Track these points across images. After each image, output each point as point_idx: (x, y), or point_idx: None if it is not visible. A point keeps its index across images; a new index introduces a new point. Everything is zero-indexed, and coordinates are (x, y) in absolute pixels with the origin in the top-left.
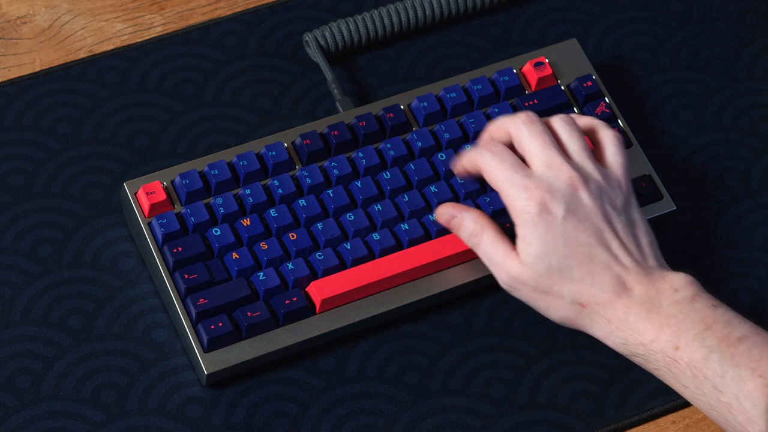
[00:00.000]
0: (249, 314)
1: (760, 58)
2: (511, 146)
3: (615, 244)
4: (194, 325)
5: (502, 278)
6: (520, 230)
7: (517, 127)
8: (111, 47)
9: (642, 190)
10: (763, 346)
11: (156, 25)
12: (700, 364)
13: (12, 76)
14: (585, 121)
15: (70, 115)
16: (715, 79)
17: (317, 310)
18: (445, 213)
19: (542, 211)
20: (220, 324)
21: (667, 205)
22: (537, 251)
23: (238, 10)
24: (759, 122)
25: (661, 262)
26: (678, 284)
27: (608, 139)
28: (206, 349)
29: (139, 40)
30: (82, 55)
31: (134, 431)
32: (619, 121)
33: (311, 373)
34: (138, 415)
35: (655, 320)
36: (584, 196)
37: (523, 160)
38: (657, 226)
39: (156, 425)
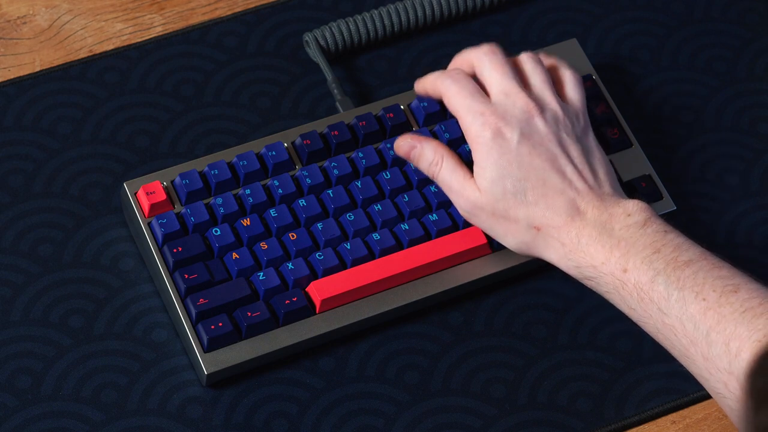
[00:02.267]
0: (249, 314)
1: (760, 58)
2: (474, 78)
3: (569, 170)
4: (194, 325)
5: (461, 204)
6: (476, 155)
7: (479, 57)
8: (111, 47)
9: (642, 190)
10: (709, 270)
11: (156, 25)
12: (647, 287)
13: (12, 76)
14: (549, 60)
15: (70, 115)
16: (715, 79)
17: (317, 310)
18: (405, 144)
19: (497, 136)
20: (220, 324)
21: (667, 205)
22: (492, 175)
23: (238, 10)
24: (759, 122)
25: (617, 191)
26: (631, 209)
27: (568, 76)
28: (206, 349)
29: (139, 40)
30: (82, 55)
31: (134, 431)
32: (619, 121)
33: (311, 373)
34: (138, 415)
35: (606, 243)
36: (539, 123)
37: (485, 90)
38: None
39: (156, 425)
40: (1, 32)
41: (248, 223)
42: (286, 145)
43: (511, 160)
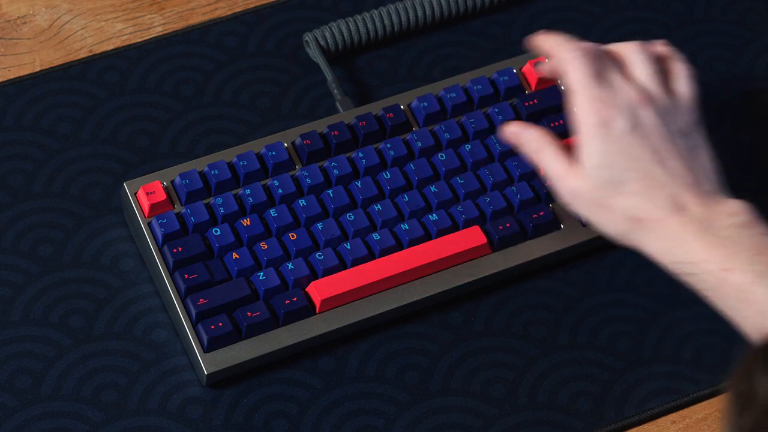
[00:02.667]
0: (249, 314)
1: (760, 58)
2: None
3: (674, 164)
4: (194, 325)
5: (563, 190)
6: (584, 142)
7: (598, 52)
8: (111, 47)
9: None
10: None
11: (156, 25)
12: (748, 288)
13: (12, 76)
14: (661, 49)
15: (70, 115)
16: (715, 78)
17: (317, 310)
18: (511, 131)
19: (606, 124)
20: (220, 324)
21: None
22: (596, 162)
23: (238, 10)
24: (759, 122)
25: (720, 189)
26: (734, 209)
27: (680, 69)
28: (206, 349)
29: (139, 40)
30: (82, 55)
31: (134, 431)
32: None
33: (311, 373)
34: (138, 415)
35: (708, 240)
36: (647, 115)
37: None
38: None
39: (156, 425)
40: (1, 32)
41: (248, 223)
42: (286, 145)
43: (616, 150)
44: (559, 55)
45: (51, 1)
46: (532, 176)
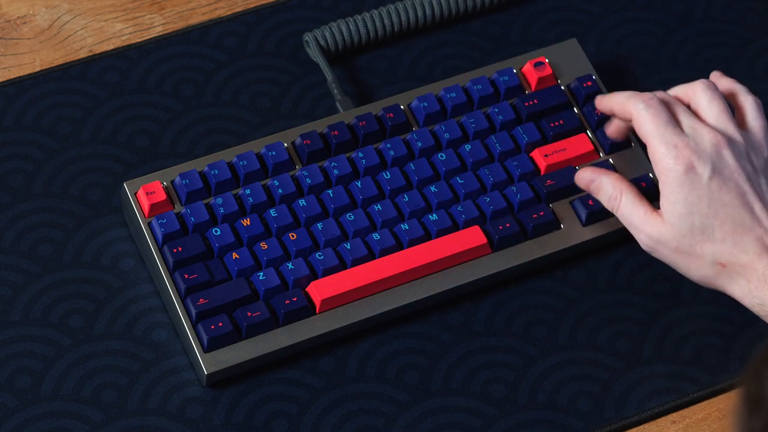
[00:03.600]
0: (249, 314)
1: (760, 58)
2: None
3: (758, 207)
4: (194, 325)
5: (643, 240)
6: (665, 188)
7: (665, 98)
8: (111, 47)
9: (642, 190)
10: None
11: (156, 25)
12: None
13: (12, 76)
14: (726, 84)
15: (70, 115)
16: None
17: (317, 310)
18: (585, 177)
19: (689, 171)
20: (220, 324)
21: None
22: (681, 210)
23: (238, 10)
24: None
25: None
26: None
27: (749, 103)
28: (206, 349)
29: (139, 40)
30: (82, 55)
31: (134, 431)
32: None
33: (311, 373)
34: (138, 415)
35: None
36: (728, 157)
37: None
38: None
39: (156, 425)
40: (1, 32)
41: (248, 223)
42: (286, 145)
43: (701, 197)
44: (628, 109)
45: (51, 1)
46: (531, 176)
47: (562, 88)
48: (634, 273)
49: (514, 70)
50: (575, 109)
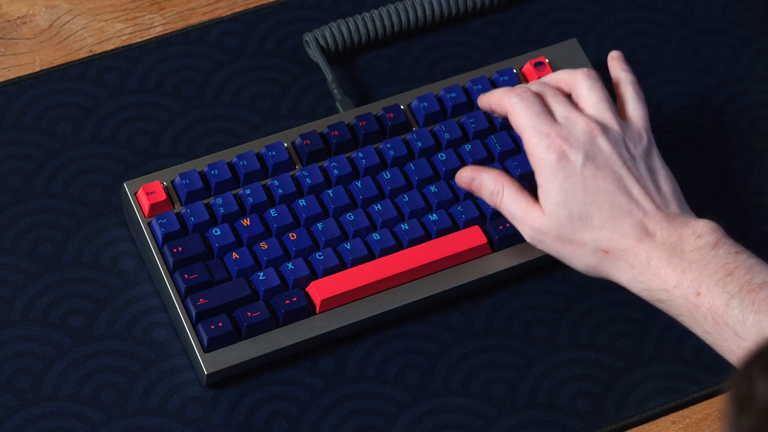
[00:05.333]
0: (249, 314)
1: (760, 58)
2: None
3: (635, 190)
4: (194, 325)
5: (526, 231)
6: (540, 178)
7: (539, 87)
8: (111, 47)
9: None
10: None
11: (156, 25)
12: (721, 310)
13: (12, 76)
14: (615, 71)
15: (70, 115)
16: (715, 79)
17: (317, 310)
18: (465, 176)
19: (561, 159)
20: (220, 324)
21: None
22: (557, 199)
23: (238, 10)
24: (759, 122)
25: (684, 209)
26: (701, 230)
27: (630, 92)
28: (206, 349)
29: (139, 40)
30: (82, 55)
31: (134, 431)
32: None
33: (311, 373)
34: (138, 415)
35: (677, 265)
36: (603, 144)
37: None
38: None
39: (156, 425)
40: (1, 32)
41: (248, 223)
42: (286, 145)
43: (576, 184)
44: (504, 104)
45: (51, 1)
46: (532, 176)
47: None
48: None
49: (514, 70)
50: None
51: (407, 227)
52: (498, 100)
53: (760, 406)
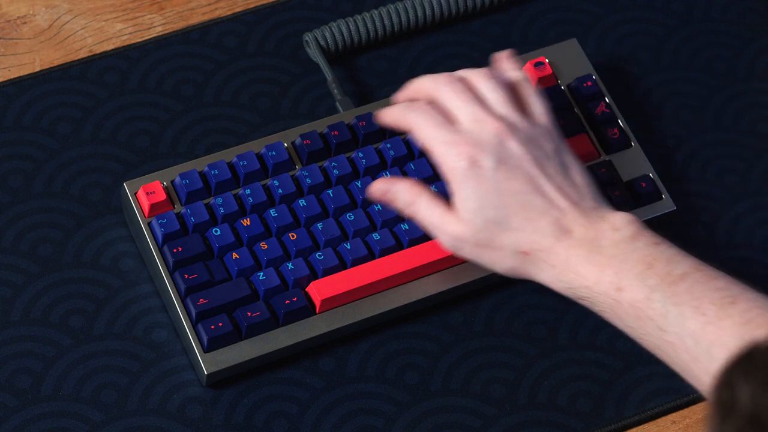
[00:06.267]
0: (249, 314)
1: (760, 58)
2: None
3: (549, 189)
4: (194, 325)
5: (445, 240)
6: (454, 187)
7: (437, 87)
8: (111, 47)
9: (642, 190)
10: (705, 282)
11: (156, 25)
12: (643, 304)
13: (12, 76)
14: (507, 75)
15: (70, 115)
16: (715, 79)
17: (317, 310)
18: (379, 188)
19: (472, 165)
20: (220, 324)
21: (667, 205)
22: (472, 206)
23: (238, 10)
24: (759, 122)
25: (601, 203)
26: (618, 224)
27: (530, 90)
28: (206, 349)
29: (139, 40)
30: (82, 55)
31: (134, 431)
32: (619, 121)
33: (311, 373)
34: (138, 415)
35: (596, 262)
36: (513, 145)
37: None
38: (657, 226)
39: (156, 425)
40: (1, 32)
41: (248, 223)
42: (286, 145)
43: (489, 189)
44: (404, 121)
45: (51, 1)
46: None
47: (562, 88)
48: None
49: None
50: (575, 109)
51: (407, 227)
52: (397, 118)
53: (743, 412)
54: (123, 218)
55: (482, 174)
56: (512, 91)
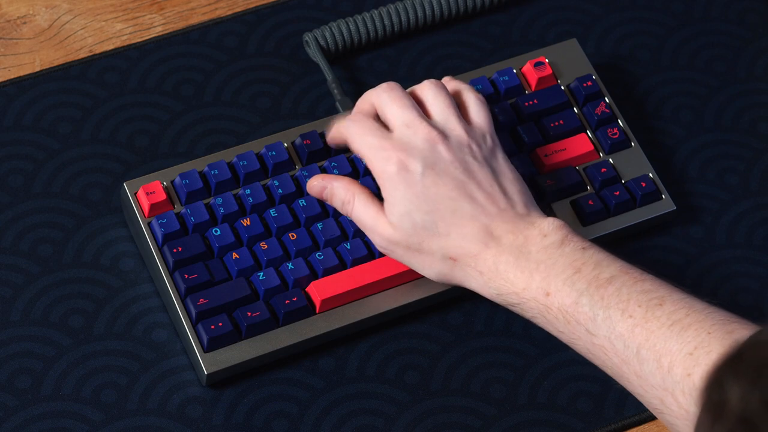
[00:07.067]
0: (249, 314)
1: (760, 58)
2: (378, 117)
3: (479, 195)
4: (194, 325)
5: (377, 241)
6: (384, 192)
7: (377, 95)
8: (111, 47)
9: (642, 190)
10: (632, 284)
11: (156, 25)
12: (571, 309)
13: (12, 76)
14: (452, 84)
15: (70, 115)
16: (715, 79)
17: (317, 310)
18: (316, 185)
19: (401, 170)
20: (220, 324)
21: (667, 205)
22: (401, 210)
23: (238, 10)
24: (759, 122)
25: (532, 209)
26: (547, 229)
27: (471, 98)
28: (206, 349)
29: (139, 40)
30: (82, 55)
31: (134, 431)
32: (619, 121)
33: (311, 373)
34: (138, 415)
35: (525, 267)
36: (443, 151)
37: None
38: (657, 226)
39: (156, 425)
40: (1, 32)
41: (248, 223)
42: (286, 145)
43: (417, 193)
44: (342, 133)
45: (51, 1)
46: (532, 176)
47: (562, 88)
48: None
49: (514, 70)
50: (575, 109)
51: None
52: (337, 131)
53: (734, 412)
54: (123, 218)
55: (411, 178)
56: (455, 98)
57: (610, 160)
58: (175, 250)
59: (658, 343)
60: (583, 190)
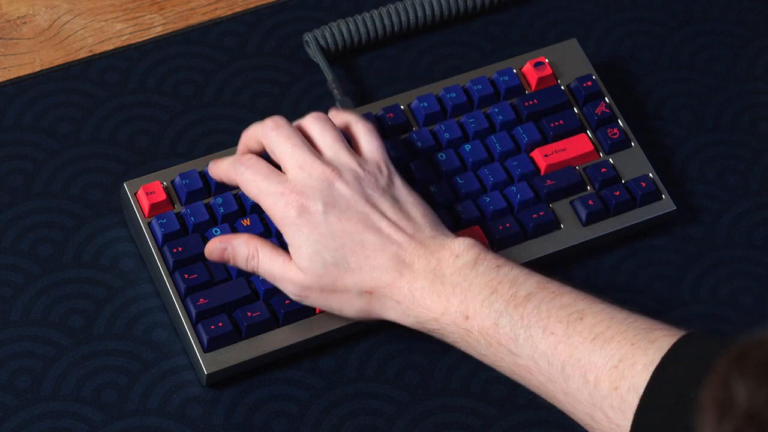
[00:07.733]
0: (249, 314)
1: (760, 58)
2: (266, 155)
3: (384, 225)
4: (194, 325)
5: (289, 290)
6: (287, 237)
7: (265, 134)
8: (111, 47)
9: (642, 190)
10: (550, 300)
11: (156, 25)
12: (492, 331)
13: (12, 76)
14: (339, 118)
15: (70, 115)
16: (715, 79)
17: (317, 310)
18: (216, 248)
19: (302, 212)
20: (220, 324)
21: (667, 205)
22: (308, 252)
23: (238, 10)
24: (759, 122)
25: (440, 231)
26: (458, 250)
27: (360, 129)
28: (206, 349)
29: (139, 40)
30: (82, 55)
31: (134, 431)
32: (619, 121)
33: (311, 373)
34: (138, 415)
35: (441, 292)
36: (341, 187)
37: (278, 167)
38: (657, 226)
39: (156, 425)
40: (1, 32)
41: (248, 223)
42: None
43: (322, 233)
44: (233, 177)
45: (51, 1)
46: (532, 176)
47: (562, 88)
48: (634, 273)
49: (514, 70)
50: (575, 109)
51: None
52: (226, 173)
53: (740, 410)
54: (123, 218)
55: (313, 219)
56: (343, 131)
57: (610, 160)
58: (175, 250)
59: (582, 359)
60: (583, 190)
